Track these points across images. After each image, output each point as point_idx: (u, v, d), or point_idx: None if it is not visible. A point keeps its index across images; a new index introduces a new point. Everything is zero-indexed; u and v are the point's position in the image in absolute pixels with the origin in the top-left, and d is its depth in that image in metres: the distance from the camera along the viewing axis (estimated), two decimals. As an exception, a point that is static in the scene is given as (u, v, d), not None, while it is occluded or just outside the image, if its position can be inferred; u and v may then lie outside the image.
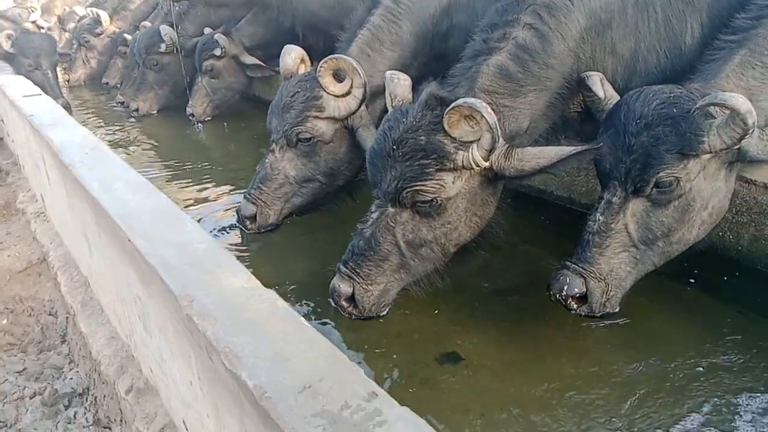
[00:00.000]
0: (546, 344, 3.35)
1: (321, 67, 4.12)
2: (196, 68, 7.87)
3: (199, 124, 8.09)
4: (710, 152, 3.00)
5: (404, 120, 3.28)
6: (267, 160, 4.40)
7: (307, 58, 4.67)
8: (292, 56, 4.59)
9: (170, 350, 2.57)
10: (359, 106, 4.22)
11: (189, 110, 8.11)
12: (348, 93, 4.18)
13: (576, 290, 3.13)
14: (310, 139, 4.27)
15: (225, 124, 8.06)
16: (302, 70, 4.59)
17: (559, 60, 3.55)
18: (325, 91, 4.18)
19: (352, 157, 4.42)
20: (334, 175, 4.45)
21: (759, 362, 3.12)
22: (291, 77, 4.48)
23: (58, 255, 4.84)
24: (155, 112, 8.69)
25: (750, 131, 2.86)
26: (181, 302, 2.18)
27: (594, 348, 3.33)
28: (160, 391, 3.01)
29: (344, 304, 3.34)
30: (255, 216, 4.35)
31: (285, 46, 4.71)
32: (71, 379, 3.86)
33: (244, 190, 4.55)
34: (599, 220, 3.19)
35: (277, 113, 4.38)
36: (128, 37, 9.64)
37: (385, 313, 3.41)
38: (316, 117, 4.22)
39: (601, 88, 3.54)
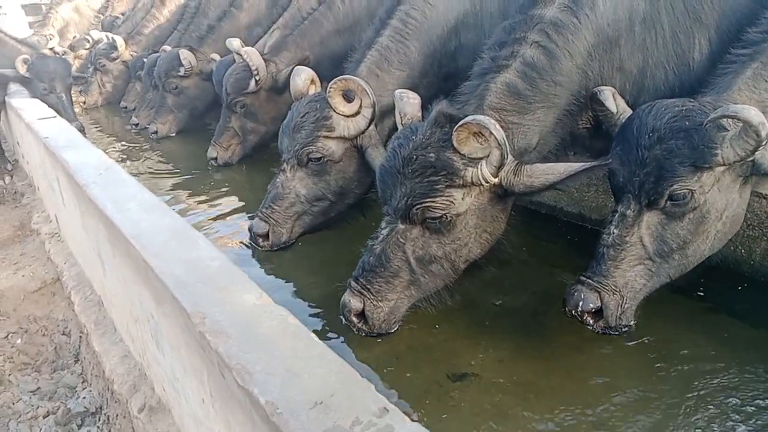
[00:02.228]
0: (558, 361, 3.32)
1: (331, 87, 4.18)
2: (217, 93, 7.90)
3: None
4: (724, 164, 2.99)
5: (414, 137, 3.31)
6: (278, 180, 4.45)
7: (317, 79, 4.74)
8: (302, 77, 4.66)
9: (183, 368, 2.58)
10: (368, 126, 4.26)
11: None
12: (357, 113, 4.24)
13: (591, 306, 3.11)
14: (320, 158, 4.32)
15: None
16: (312, 90, 4.65)
17: (567, 77, 3.57)
18: (334, 111, 4.23)
19: (362, 176, 4.46)
20: (345, 193, 4.49)
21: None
22: (301, 98, 4.54)
23: (72, 275, 4.89)
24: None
25: (763, 143, 2.85)
26: (194, 319, 2.19)
27: (606, 364, 3.30)
28: (173, 409, 3.01)
29: (354, 319, 3.35)
30: (267, 234, 4.40)
31: (295, 68, 4.79)
32: (84, 398, 3.87)
33: (257, 210, 4.58)
34: (614, 233, 3.18)
35: (288, 133, 4.44)
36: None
37: (395, 329, 3.41)
38: (326, 137, 4.28)
39: (614, 102, 3.55)
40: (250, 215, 4.92)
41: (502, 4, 4.69)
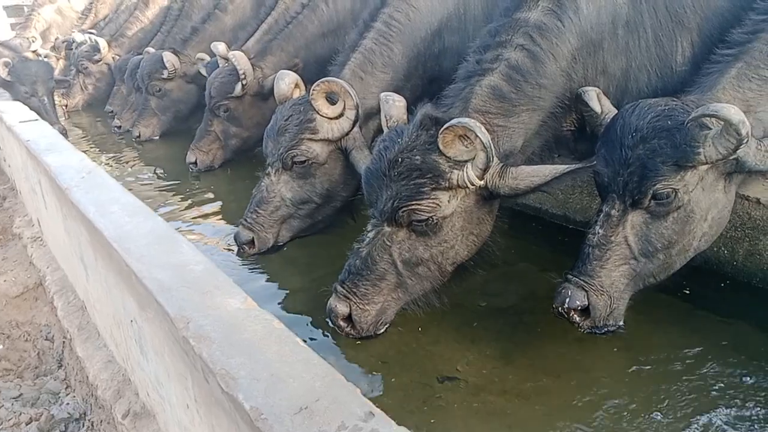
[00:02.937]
0: (545, 362, 3.33)
1: (314, 90, 4.17)
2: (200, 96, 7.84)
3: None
4: (706, 163, 3.02)
5: (399, 140, 3.31)
6: (263, 184, 4.43)
7: (301, 83, 4.73)
8: (286, 81, 4.64)
9: (167, 373, 2.56)
10: (352, 128, 4.26)
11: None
12: (341, 115, 4.23)
13: (578, 302, 3.12)
14: (305, 161, 4.30)
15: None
16: (296, 94, 4.63)
17: (552, 80, 3.59)
18: (318, 113, 4.22)
19: (348, 178, 4.45)
20: (331, 196, 4.47)
21: (755, 373, 3.13)
22: (286, 102, 4.52)
23: (55, 279, 4.83)
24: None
25: (744, 141, 2.88)
26: (177, 324, 2.17)
27: (593, 365, 3.32)
28: (157, 415, 2.98)
29: (342, 324, 3.34)
30: (252, 241, 4.36)
31: (279, 72, 4.77)
32: (68, 404, 3.82)
33: (241, 213, 4.55)
34: (599, 233, 3.20)
35: (272, 137, 4.42)
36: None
37: (382, 332, 3.40)
38: (310, 139, 4.27)
39: (598, 103, 3.57)
40: (234, 219, 4.88)
41: (486, 8, 4.70)
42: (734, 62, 3.29)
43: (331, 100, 4.26)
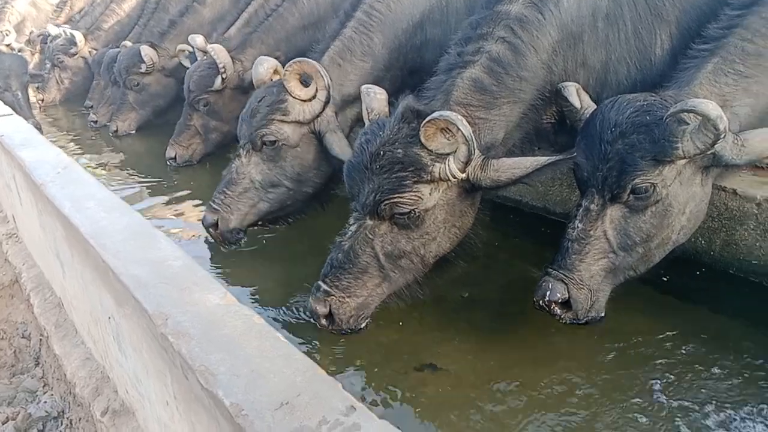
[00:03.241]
0: (526, 353, 3.35)
1: (286, 70, 4.17)
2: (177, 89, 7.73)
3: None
4: (685, 158, 3.04)
5: (381, 133, 3.29)
6: (233, 165, 4.42)
7: (281, 68, 4.69)
8: (264, 67, 4.63)
9: (146, 370, 2.52)
10: (323, 109, 4.26)
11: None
12: (313, 97, 4.22)
13: (558, 296, 3.14)
14: (275, 142, 4.28)
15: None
16: (275, 80, 4.61)
17: (532, 72, 3.59)
18: (290, 95, 4.21)
19: (321, 163, 4.43)
20: (301, 180, 4.45)
21: (730, 359, 3.19)
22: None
23: (31, 276, 4.75)
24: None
25: (722, 136, 2.91)
26: (156, 321, 2.14)
27: (573, 354, 3.34)
28: (137, 412, 2.95)
29: (324, 322, 3.33)
30: (216, 222, 4.34)
31: (259, 57, 4.74)
32: (45, 402, 3.76)
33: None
34: (578, 227, 3.22)
35: (246, 119, 4.43)
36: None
37: (363, 326, 3.39)
38: (281, 120, 4.26)
39: (577, 98, 3.60)
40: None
41: (469, 0, 4.70)
42: (710, 57, 3.32)
43: (305, 82, 4.24)
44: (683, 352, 3.27)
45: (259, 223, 4.58)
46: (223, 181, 4.44)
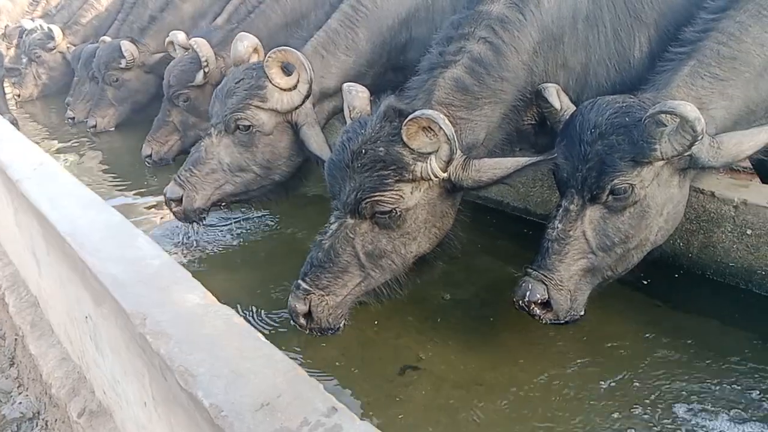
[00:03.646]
0: (507, 354, 3.37)
1: (269, 57, 4.10)
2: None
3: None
4: (663, 159, 3.08)
5: (363, 131, 3.28)
6: (203, 144, 4.35)
7: (261, 48, 4.64)
8: (245, 44, 4.56)
9: (123, 370, 2.49)
10: (302, 102, 4.22)
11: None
12: (294, 87, 4.18)
13: (538, 296, 3.15)
14: (249, 127, 4.23)
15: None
16: (255, 59, 4.55)
17: (513, 73, 3.61)
18: (270, 82, 4.15)
19: (292, 154, 4.40)
20: (271, 168, 4.41)
21: (711, 361, 3.24)
22: (241, 65, 4.44)
23: (6, 275, 4.67)
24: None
25: (699, 138, 2.94)
26: (134, 320, 2.12)
27: (553, 355, 3.36)
28: (114, 413, 2.91)
29: (302, 321, 3.30)
30: (181, 199, 4.28)
31: (239, 34, 4.68)
32: (20, 403, 3.71)
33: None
34: (558, 227, 3.24)
35: (220, 98, 4.35)
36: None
37: (342, 324, 3.38)
38: (258, 107, 4.20)
39: (557, 99, 3.62)
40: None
41: (454, 1, 4.70)
42: (687, 60, 3.36)
43: (287, 71, 4.19)
44: (662, 353, 3.31)
45: (222, 204, 4.51)
46: (190, 159, 4.36)
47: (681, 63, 3.36)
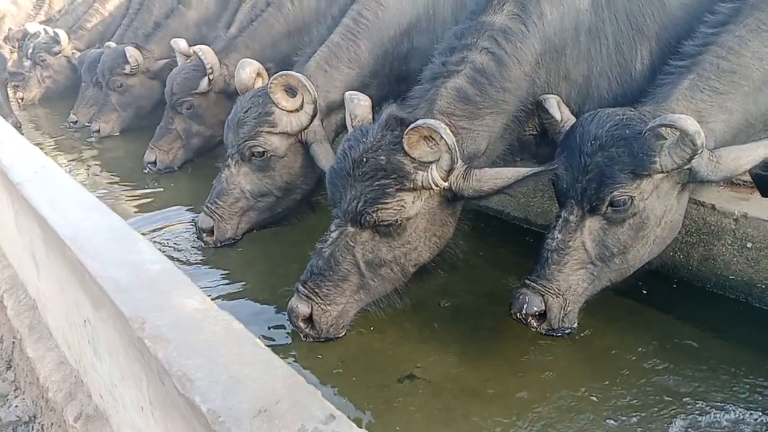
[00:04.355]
0: (506, 363, 3.37)
1: (272, 83, 4.17)
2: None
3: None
4: (662, 172, 3.09)
5: (364, 140, 3.29)
6: (223, 175, 4.43)
7: (264, 72, 4.69)
8: (247, 71, 4.63)
9: (121, 375, 2.49)
10: (310, 122, 4.28)
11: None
12: (300, 108, 4.23)
13: (535, 308, 3.17)
14: (263, 153, 4.31)
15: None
16: (259, 84, 4.60)
17: (516, 84, 3.62)
18: (276, 106, 4.21)
19: (308, 171, 4.46)
20: (290, 189, 4.49)
21: (708, 373, 3.23)
22: (246, 92, 4.48)
23: (5, 277, 4.66)
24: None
25: (699, 151, 2.96)
26: (132, 324, 2.11)
27: (551, 365, 3.36)
28: (111, 417, 2.90)
29: (302, 325, 3.30)
30: (212, 229, 4.37)
31: (241, 60, 4.73)
32: (17, 406, 3.70)
33: (201, 210, 4.51)
34: (557, 237, 3.25)
35: (232, 128, 4.42)
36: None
37: (343, 334, 3.37)
38: (269, 132, 4.27)
39: (558, 110, 3.64)
40: (195, 216, 4.82)
41: (456, 10, 4.74)
42: (687, 74, 3.38)
43: (291, 92, 4.25)
44: (661, 365, 3.30)
45: (254, 230, 4.62)
46: (214, 191, 4.46)
47: (681, 76, 3.38)
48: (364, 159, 3.22)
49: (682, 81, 3.36)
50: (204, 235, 4.41)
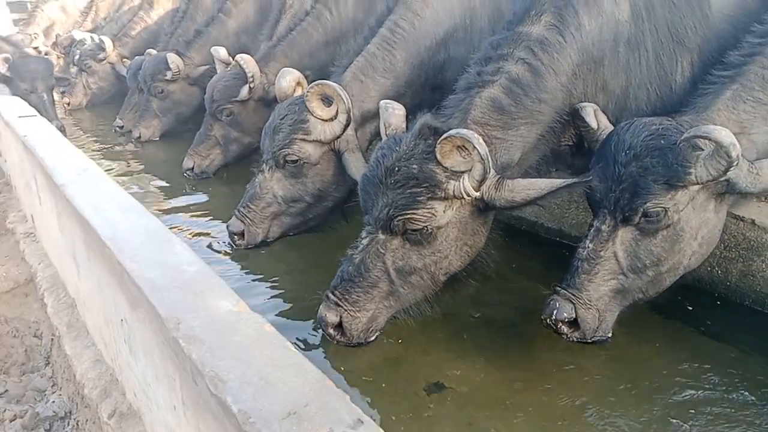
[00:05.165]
0: (536, 376, 3.32)
1: (308, 92, 4.25)
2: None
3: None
4: (697, 183, 3.04)
5: (397, 148, 3.31)
6: (257, 180, 4.54)
7: (304, 81, 4.77)
8: (288, 79, 4.71)
9: (155, 374, 2.54)
10: (343, 131, 4.33)
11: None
12: (334, 117, 4.30)
13: (565, 315, 3.15)
14: (297, 160, 4.39)
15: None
16: (298, 92, 4.67)
17: (551, 95, 3.60)
18: (312, 115, 4.28)
19: (340, 180, 4.51)
20: (322, 196, 4.56)
21: (743, 393, 3.14)
22: (286, 99, 4.58)
23: (46, 276, 4.80)
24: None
25: (734, 163, 2.90)
26: (168, 324, 2.15)
27: (583, 378, 3.31)
28: (144, 416, 2.96)
29: (332, 332, 3.34)
30: (243, 233, 4.47)
31: (282, 69, 4.80)
32: (53, 402, 3.79)
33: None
34: (589, 247, 3.23)
35: (268, 134, 4.52)
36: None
37: (372, 339, 3.39)
38: (303, 140, 4.35)
39: (595, 119, 3.60)
40: (229, 220, 4.90)
41: (493, 20, 4.74)
42: (730, 84, 3.32)
43: (327, 101, 4.31)
44: (700, 384, 3.22)
45: (285, 236, 4.69)
46: (247, 195, 4.56)
47: (723, 86, 3.33)
48: (397, 167, 3.24)
49: (724, 91, 3.31)
50: (235, 238, 4.52)
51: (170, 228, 3.53)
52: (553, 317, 3.16)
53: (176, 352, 2.12)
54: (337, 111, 4.28)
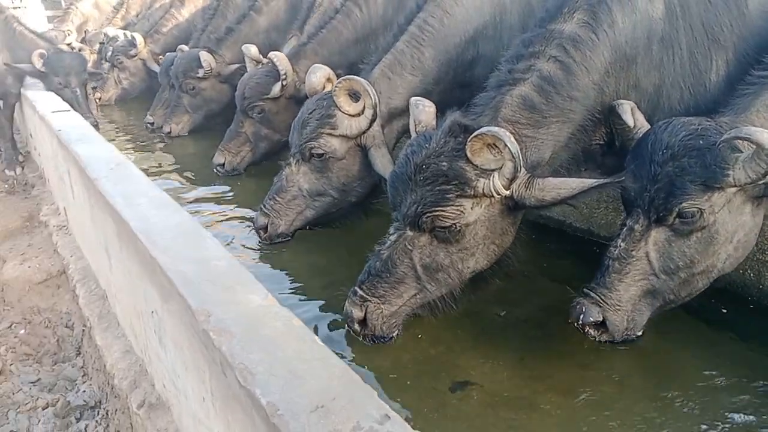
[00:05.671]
0: (562, 375, 3.29)
1: (336, 87, 4.31)
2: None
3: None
4: (735, 186, 2.98)
5: (427, 145, 3.30)
6: (284, 173, 4.64)
7: (334, 77, 4.80)
8: (318, 75, 4.77)
9: (184, 365, 2.57)
10: (369, 126, 4.37)
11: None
12: (361, 113, 4.34)
13: (591, 319, 3.14)
14: (322, 154, 4.46)
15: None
16: (328, 88, 4.71)
17: (583, 93, 3.56)
18: (339, 110, 4.33)
19: (365, 175, 4.56)
20: (346, 191, 4.61)
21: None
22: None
23: (78, 268, 4.90)
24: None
25: (774, 167, 2.83)
26: (198, 317, 2.19)
27: (610, 382, 3.26)
28: (172, 407, 3.00)
29: (357, 327, 3.37)
30: (266, 227, 4.58)
31: (312, 66, 4.85)
32: (84, 391, 3.87)
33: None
34: (620, 246, 3.19)
35: (297, 128, 4.60)
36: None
37: (395, 334, 3.40)
38: (330, 134, 4.41)
39: (631, 116, 3.55)
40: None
41: (523, 17, 4.71)
42: None
43: (354, 97, 4.35)
44: (729, 391, 3.15)
45: (306, 228, 4.77)
46: (273, 188, 4.66)
47: (763, 87, 3.25)
48: (426, 164, 3.23)
49: (764, 92, 3.24)
50: (260, 232, 4.63)
51: (200, 223, 3.56)
52: (580, 321, 3.15)
53: (206, 345, 2.15)
54: (364, 106, 4.32)
